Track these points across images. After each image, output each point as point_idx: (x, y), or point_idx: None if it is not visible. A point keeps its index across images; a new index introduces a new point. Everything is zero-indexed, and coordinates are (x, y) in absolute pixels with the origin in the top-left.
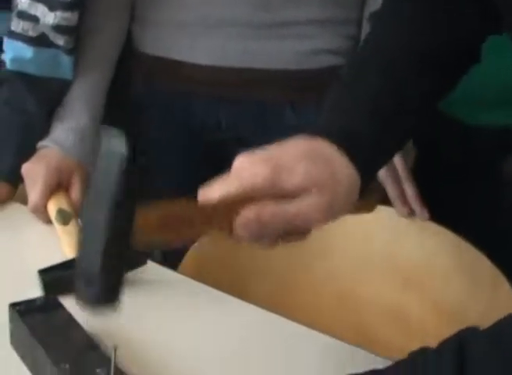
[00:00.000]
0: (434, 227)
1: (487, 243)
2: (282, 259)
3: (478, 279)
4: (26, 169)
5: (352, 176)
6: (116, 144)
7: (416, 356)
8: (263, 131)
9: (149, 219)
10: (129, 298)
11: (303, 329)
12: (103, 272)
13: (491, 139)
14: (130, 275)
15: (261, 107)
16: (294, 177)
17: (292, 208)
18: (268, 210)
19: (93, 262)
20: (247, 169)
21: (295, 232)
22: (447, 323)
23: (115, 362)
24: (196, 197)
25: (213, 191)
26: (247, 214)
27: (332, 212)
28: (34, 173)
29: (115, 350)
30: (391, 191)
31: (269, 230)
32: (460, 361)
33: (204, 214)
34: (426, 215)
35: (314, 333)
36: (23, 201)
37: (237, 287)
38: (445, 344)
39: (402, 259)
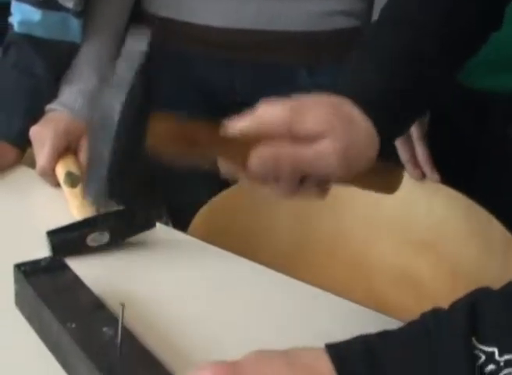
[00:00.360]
0: (446, 190)
1: (497, 209)
2: (293, 223)
3: (490, 242)
4: (34, 132)
5: (370, 130)
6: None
7: (428, 316)
8: (277, 93)
9: (163, 127)
10: (137, 259)
11: (314, 290)
12: (109, 170)
13: (503, 104)
14: (139, 236)
15: (274, 69)
16: (312, 119)
17: (308, 150)
18: (285, 149)
19: (102, 159)
20: (268, 109)
21: (313, 182)
22: (460, 286)
23: (122, 321)
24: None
25: (233, 125)
26: (263, 150)
27: (348, 161)
28: (42, 136)
29: (123, 308)
30: (403, 154)
31: (285, 174)
32: (473, 320)
33: (222, 141)
34: (436, 177)
35: (326, 294)
36: (31, 164)
37: (247, 249)
38: (457, 304)
39: (414, 223)
